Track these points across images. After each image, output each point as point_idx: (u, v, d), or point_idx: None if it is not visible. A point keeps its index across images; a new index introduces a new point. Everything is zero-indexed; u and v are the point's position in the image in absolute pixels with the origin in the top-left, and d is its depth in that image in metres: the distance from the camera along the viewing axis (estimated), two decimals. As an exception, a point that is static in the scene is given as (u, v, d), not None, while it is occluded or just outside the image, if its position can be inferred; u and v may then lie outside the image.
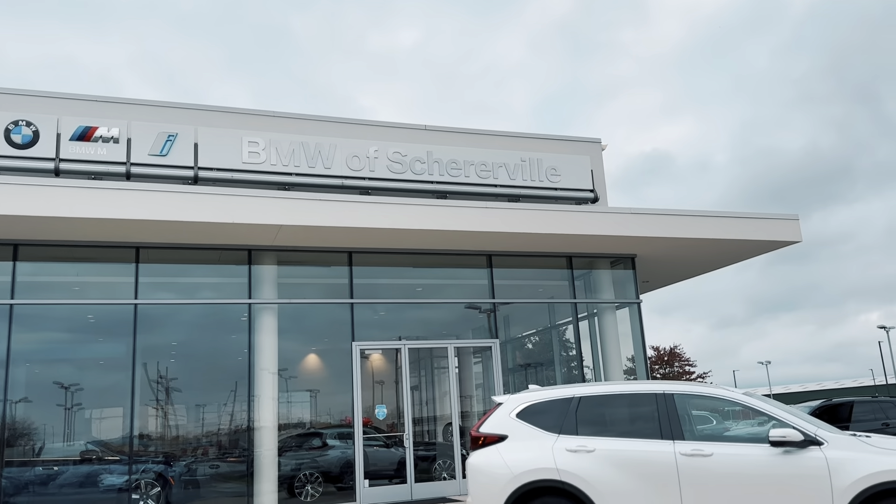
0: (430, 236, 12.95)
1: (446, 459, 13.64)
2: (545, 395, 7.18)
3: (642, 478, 6.31)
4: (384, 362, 14.05)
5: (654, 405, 6.65)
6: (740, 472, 6.08)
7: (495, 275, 14.43)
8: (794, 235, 14.69)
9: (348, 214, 12.07)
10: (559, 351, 16.16)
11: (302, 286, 13.66)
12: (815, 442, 6.01)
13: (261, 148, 13.49)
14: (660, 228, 13.84)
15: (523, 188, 15.06)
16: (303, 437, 13.24)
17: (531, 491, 6.60)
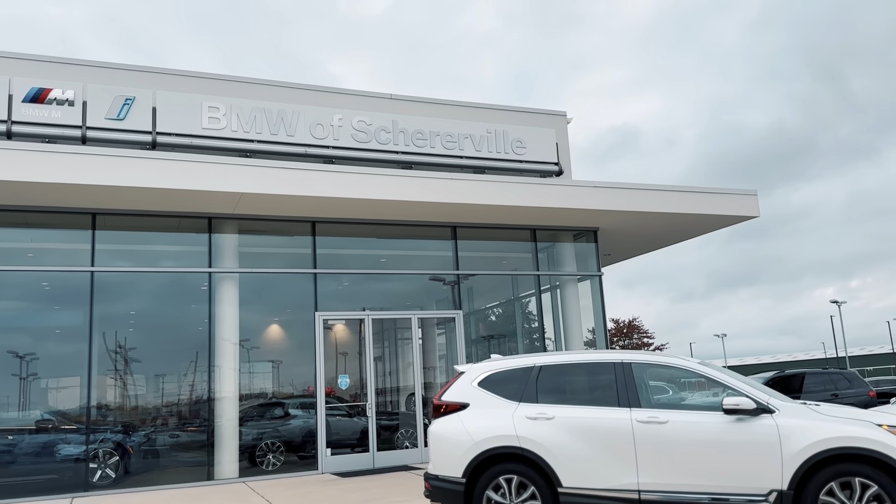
0: (395, 207, 12.89)
1: (409, 429, 13.74)
2: (506, 364, 7.25)
3: (599, 444, 6.44)
4: (347, 333, 14.04)
5: (612, 374, 6.77)
6: (694, 438, 6.25)
7: (460, 246, 14.45)
8: (752, 210, 14.98)
9: (312, 183, 11.93)
10: (522, 323, 16.31)
11: (264, 256, 13.51)
12: (766, 410, 6.19)
13: (221, 113, 13.22)
14: (621, 202, 13.98)
15: (489, 160, 15.06)
16: (264, 407, 13.21)
17: (492, 458, 6.70)
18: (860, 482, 5.78)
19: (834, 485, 5.84)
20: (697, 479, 6.14)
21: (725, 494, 6.06)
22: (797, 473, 5.90)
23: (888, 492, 5.68)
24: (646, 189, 14.28)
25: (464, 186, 12.97)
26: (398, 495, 9.71)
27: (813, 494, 5.85)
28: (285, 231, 13.43)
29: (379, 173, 12.58)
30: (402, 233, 14.19)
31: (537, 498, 6.46)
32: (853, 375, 18.36)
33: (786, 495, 5.91)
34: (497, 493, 6.58)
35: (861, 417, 6.18)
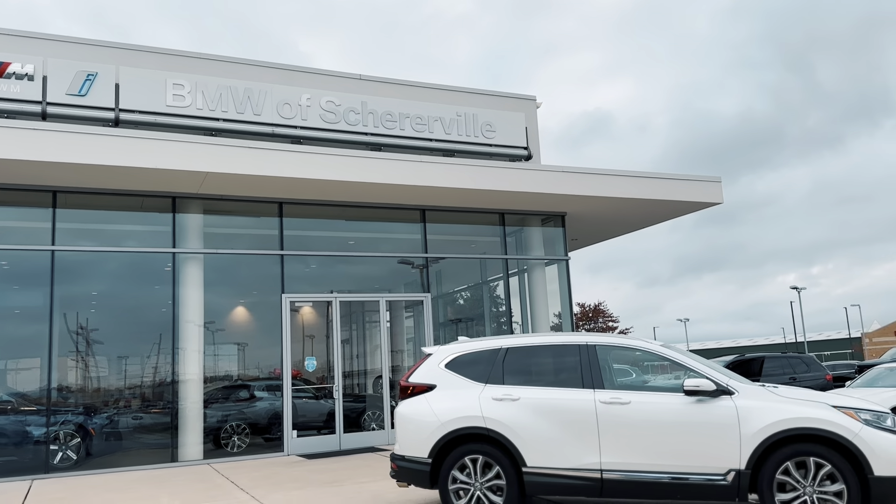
0: (364, 189, 12.81)
1: (376, 411, 13.77)
2: (473, 346, 7.29)
3: (563, 424, 6.52)
4: (315, 316, 13.97)
5: (577, 356, 6.85)
6: (656, 418, 6.36)
7: (429, 230, 14.44)
8: (716, 197, 15.21)
9: (278, 164, 11.80)
10: (489, 306, 16.39)
11: (229, 236, 13.35)
12: (726, 391, 6.33)
13: (186, 91, 12.97)
14: (589, 187, 14.09)
15: (458, 143, 15.03)
16: (230, 389, 13.12)
17: (458, 438, 6.75)
18: (815, 462, 5.94)
19: (790, 464, 6.00)
20: (658, 458, 6.26)
21: (685, 474, 6.19)
22: (755, 453, 6.05)
23: (841, 471, 5.86)
24: (613, 175, 14.40)
25: (433, 169, 12.95)
26: (364, 476, 9.74)
27: (769, 474, 6.01)
28: (251, 212, 13.28)
29: (347, 155, 12.49)
30: (371, 215, 14.12)
31: (502, 477, 6.53)
32: (811, 359, 18.85)
33: (743, 475, 6.06)
34: (462, 473, 6.64)
35: (817, 399, 6.35)
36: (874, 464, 5.84)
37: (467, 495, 6.60)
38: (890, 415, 6.30)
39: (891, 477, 5.82)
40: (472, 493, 6.59)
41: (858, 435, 5.92)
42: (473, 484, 6.61)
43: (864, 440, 5.90)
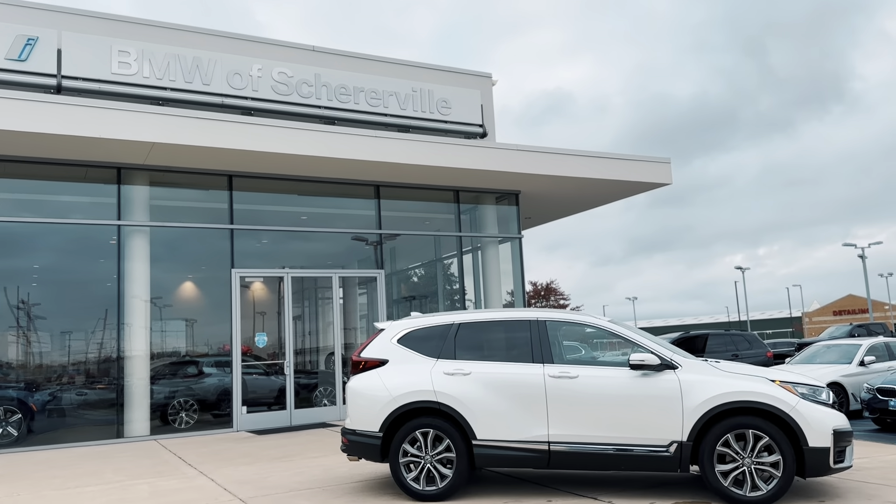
0: (317, 163, 12.65)
1: (328, 387, 13.74)
2: (426, 321, 7.31)
3: (513, 398, 6.61)
4: (266, 292, 13.80)
5: (527, 331, 6.94)
6: (602, 392, 6.50)
7: (383, 206, 14.36)
8: (665, 178, 15.49)
9: (228, 135, 11.54)
10: (443, 284, 16.45)
11: (177, 209, 13.05)
12: (670, 366, 6.49)
13: (132, 58, 12.56)
14: (542, 166, 14.18)
15: (413, 119, 14.94)
16: (177, 365, 12.91)
17: (409, 412, 6.78)
18: (753, 434, 6.16)
19: (730, 436, 6.20)
20: (604, 430, 6.41)
21: (629, 445, 6.35)
22: (696, 426, 6.24)
23: (777, 442, 6.08)
24: (566, 154, 14.52)
25: (387, 145, 12.85)
26: (315, 451, 9.73)
27: (710, 445, 6.21)
28: (200, 185, 13.00)
29: (300, 128, 12.29)
30: (324, 190, 13.97)
31: (452, 450, 6.60)
32: (753, 337, 19.47)
33: (685, 446, 6.24)
34: (413, 447, 6.69)
35: (756, 374, 6.56)
36: (809, 435, 6.08)
37: (417, 468, 6.65)
38: (825, 389, 6.56)
39: (824, 448, 6.07)
40: (422, 466, 6.65)
41: (795, 408, 6.15)
42: (424, 457, 6.66)
43: (800, 413, 6.13)
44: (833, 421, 6.20)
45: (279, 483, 7.62)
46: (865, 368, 13.61)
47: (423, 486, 6.62)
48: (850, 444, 6.31)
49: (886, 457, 8.27)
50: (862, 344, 14.49)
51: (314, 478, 7.85)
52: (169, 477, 8.27)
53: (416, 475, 6.65)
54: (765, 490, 6.05)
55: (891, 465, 7.66)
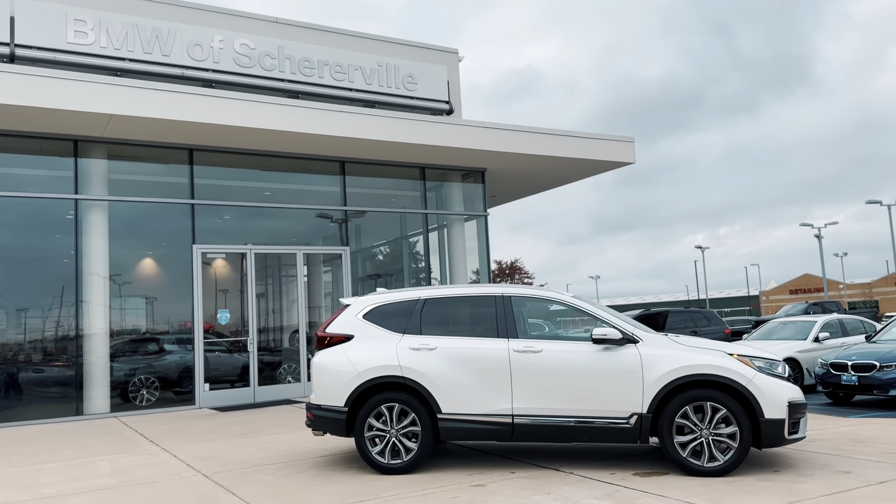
0: (280, 138, 12.46)
1: (292, 364, 13.68)
2: (392, 297, 7.30)
3: (477, 372, 6.66)
4: (229, 269, 13.63)
5: (492, 307, 6.97)
6: (565, 366, 6.58)
7: (348, 182, 14.24)
8: (629, 157, 15.62)
9: (188, 108, 11.30)
10: (409, 262, 16.43)
11: (137, 184, 12.77)
12: (631, 340, 6.60)
13: (89, 28, 12.18)
14: (508, 143, 14.19)
15: (379, 94, 14.80)
16: (138, 343, 12.72)
17: (374, 387, 6.78)
18: (711, 406, 6.30)
19: (688, 408, 6.34)
20: (567, 403, 6.50)
21: (591, 418, 6.46)
22: (656, 398, 6.36)
23: (734, 414, 6.24)
24: (531, 132, 14.54)
25: (352, 120, 12.71)
26: (279, 427, 9.70)
27: (669, 417, 6.34)
28: (160, 158, 12.73)
29: (262, 101, 12.08)
30: (288, 165, 13.79)
31: (417, 424, 6.63)
32: (711, 314, 19.89)
33: (645, 418, 6.37)
34: (378, 421, 6.70)
35: (715, 348, 6.70)
36: (765, 407, 6.24)
37: (383, 442, 6.68)
38: (781, 363, 6.74)
39: (779, 419, 6.24)
40: (387, 440, 6.67)
41: (752, 381, 6.30)
42: (389, 431, 6.68)
43: (756, 386, 6.29)
44: (788, 393, 6.37)
45: (243, 458, 7.59)
46: (820, 344, 14.01)
47: (388, 459, 6.65)
48: (805, 416, 6.50)
49: (838, 429, 8.55)
50: (817, 321, 14.89)
51: (278, 453, 7.84)
52: (130, 454, 8.17)
53: (382, 449, 6.68)
54: (722, 461, 6.21)
55: (842, 437, 7.93)
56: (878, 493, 5.41)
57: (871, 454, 6.86)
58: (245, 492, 6.09)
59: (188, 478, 6.77)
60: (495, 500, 5.51)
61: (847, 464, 6.46)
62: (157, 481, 6.66)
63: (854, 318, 15.89)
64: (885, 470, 6.15)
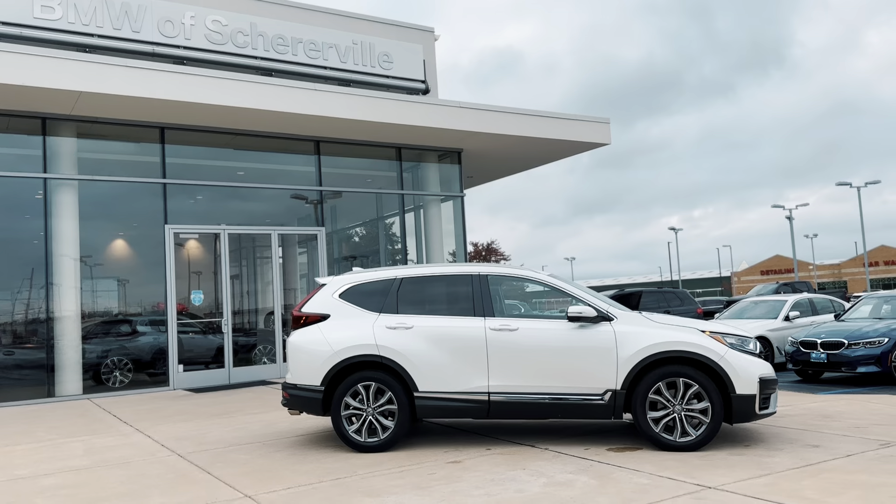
0: (253, 116, 12.30)
1: (267, 345, 13.61)
2: (368, 276, 7.27)
3: (454, 351, 6.68)
4: (203, 251, 13.48)
5: (469, 285, 6.99)
6: (541, 343, 6.63)
7: (323, 162, 14.12)
8: (604, 138, 15.67)
9: (159, 85, 11.09)
10: (385, 244, 16.38)
11: (107, 163, 12.54)
12: (606, 318, 6.66)
13: (56, 2, 11.89)
14: (484, 124, 14.14)
15: (354, 73, 14.65)
16: (110, 324, 12.56)
17: (351, 366, 6.77)
18: (684, 382, 6.39)
19: (661, 385, 6.42)
20: (542, 380, 6.55)
21: (566, 394, 6.52)
22: (630, 375, 6.43)
23: (706, 390, 6.34)
24: (507, 112, 14.52)
25: (327, 98, 12.58)
26: (255, 408, 9.67)
27: (643, 393, 6.42)
28: (131, 137, 12.51)
29: (235, 78, 11.90)
30: (262, 145, 13.63)
31: (394, 402, 6.65)
32: (684, 294, 20.14)
33: (619, 394, 6.45)
34: (355, 400, 6.70)
35: (688, 325, 6.78)
36: (736, 383, 6.34)
37: (359, 420, 6.68)
38: (752, 340, 6.84)
39: (751, 395, 6.35)
40: (364, 419, 6.68)
41: (724, 357, 6.40)
42: (366, 409, 6.69)
43: (728, 362, 6.39)
44: (759, 369, 6.48)
45: (218, 438, 7.56)
46: (790, 323, 14.27)
47: (364, 437, 6.66)
48: (775, 392, 6.62)
49: (808, 404, 8.74)
50: (787, 300, 15.15)
51: (254, 433, 7.81)
52: (104, 435, 8.09)
53: (358, 427, 6.68)
54: (694, 436, 6.31)
55: (811, 412, 8.10)
56: (845, 465, 5.54)
57: (839, 429, 7.02)
58: (221, 471, 6.07)
59: (163, 458, 6.72)
60: (471, 476, 5.56)
61: (816, 438, 6.60)
62: (132, 462, 6.61)
63: (823, 297, 16.20)
64: (852, 444, 6.30)
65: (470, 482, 5.39)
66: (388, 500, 4.97)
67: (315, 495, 5.18)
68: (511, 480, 5.39)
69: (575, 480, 5.33)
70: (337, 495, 5.16)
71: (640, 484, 5.18)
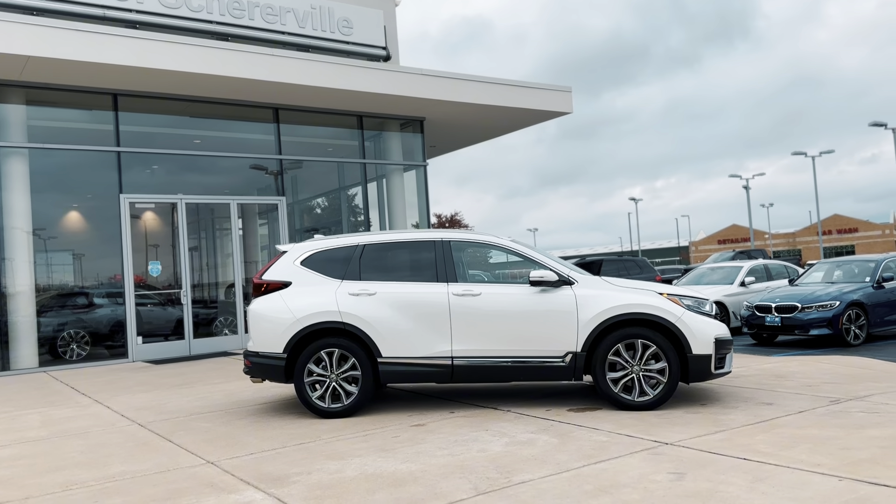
0: (209, 82, 12.01)
1: (228, 317, 13.47)
2: (330, 243, 7.22)
3: (418, 316, 6.69)
4: (160, 223, 13.22)
5: (432, 251, 6.98)
6: (503, 308, 6.68)
7: (283, 131, 13.90)
8: (566, 107, 15.70)
9: (110, 49, 10.74)
10: (347, 215, 16.26)
11: (59, 131, 12.15)
12: (567, 281, 6.73)
13: (-1, -38, 11.36)
14: (445, 91, 14.03)
15: (313, 38, 14.37)
16: (66, 297, 12.29)
17: (313, 333, 6.74)
18: (642, 343, 6.52)
19: (620, 346, 6.54)
20: (505, 344, 6.62)
21: (528, 357, 6.60)
22: (590, 337, 6.53)
23: (664, 351, 6.47)
24: (468, 80, 14.43)
25: (284, 64, 12.34)
26: (216, 378, 9.59)
27: (602, 355, 6.53)
28: (83, 104, 12.14)
29: (189, 43, 11.58)
30: (219, 112, 13.34)
31: (357, 368, 6.65)
32: (643, 262, 20.47)
33: (580, 357, 6.55)
34: (318, 366, 6.69)
35: (646, 288, 6.90)
36: (692, 344, 6.49)
37: (323, 387, 6.68)
38: (708, 301, 6.99)
39: (706, 355, 6.51)
40: (327, 385, 6.67)
41: (680, 318, 6.53)
42: (329, 376, 6.68)
43: (685, 323, 6.52)
44: (715, 330, 6.63)
45: (179, 408, 7.49)
46: (746, 289, 14.62)
47: (328, 403, 6.67)
48: (730, 352, 6.79)
49: (762, 366, 8.99)
50: (743, 266, 15.50)
51: (216, 402, 7.76)
52: (61, 406, 7.96)
53: (322, 393, 6.68)
54: (652, 395, 6.45)
55: (765, 373, 8.34)
56: (796, 421, 5.73)
57: (792, 387, 7.25)
58: (182, 439, 6.03)
59: (123, 427, 6.64)
60: (435, 438, 5.61)
61: (769, 396, 6.81)
62: (91, 432, 6.52)
63: (778, 263, 16.62)
64: (803, 401, 6.51)
65: (434, 443, 5.44)
66: (352, 463, 4.99)
67: (279, 460, 5.19)
68: (474, 441, 5.46)
69: (536, 439, 5.43)
70: (301, 459, 5.17)
71: (599, 441, 5.29)
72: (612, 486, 4.21)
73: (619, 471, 4.50)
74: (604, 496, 4.03)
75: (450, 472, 4.63)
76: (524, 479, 4.40)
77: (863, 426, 5.41)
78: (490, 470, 4.65)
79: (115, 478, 4.92)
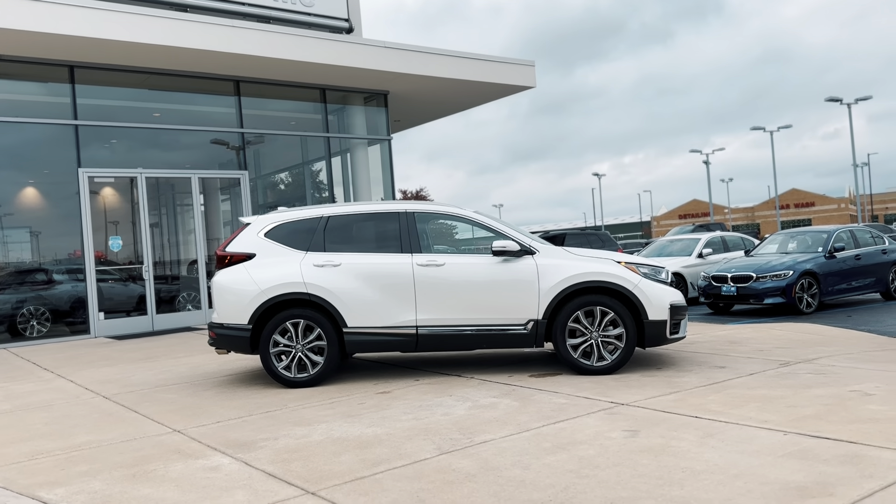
0: (168, 54, 11.81)
1: (191, 292, 13.38)
2: (294, 215, 7.24)
3: (382, 287, 6.78)
4: (120, 198, 13.02)
5: (396, 223, 7.06)
6: (467, 278, 6.80)
7: (244, 104, 13.74)
8: (529, 81, 15.78)
9: (64, 19, 10.49)
10: (311, 190, 16.18)
11: (13, 103, 11.85)
12: (528, 251, 6.88)
13: (-56, -73, 10.95)
14: (409, 65, 14.00)
15: (274, 10, 14.19)
16: (24, 274, 12.08)
17: (278, 304, 6.79)
18: (600, 310, 6.70)
19: (580, 313, 6.72)
20: (468, 313, 6.75)
21: (491, 325, 6.74)
22: (551, 305, 6.70)
23: (621, 317, 6.67)
24: (432, 53, 14.40)
25: (245, 35, 12.18)
26: (181, 352, 9.58)
27: (562, 322, 6.71)
28: (39, 76, 11.84)
29: (147, 13, 11.35)
30: (179, 85, 13.13)
31: (323, 339, 6.72)
32: (606, 236, 20.74)
33: (541, 324, 6.71)
34: (284, 337, 6.75)
35: (605, 257, 7.08)
36: (649, 310, 6.70)
37: (289, 357, 6.75)
38: (664, 269, 7.20)
39: (662, 321, 6.73)
40: (293, 355, 6.74)
41: (637, 286, 6.73)
42: (295, 346, 6.75)
43: (641, 290, 6.72)
44: (670, 297, 6.85)
45: (144, 381, 7.49)
46: (703, 260, 14.98)
47: (294, 373, 6.74)
48: (685, 318, 7.02)
49: (717, 332, 9.29)
50: (701, 238, 15.87)
51: (181, 375, 7.78)
52: (23, 381, 7.89)
53: (288, 364, 6.75)
54: (610, 360, 6.66)
55: (720, 339, 8.63)
56: (747, 382, 5.98)
57: (744, 352, 7.53)
58: (148, 409, 6.06)
59: (87, 400, 6.64)
60: (400, 404, 5.74)
61: (722, 360, 7.07)
62: (55, 404, 6.50)
63: (735, 235, 17.03)
64: (754, 364, 6.78)
65: (399, 409, 5.57)
66: (318, 428, 5.09)
67: (245, 427, 5.26)
68: (438, 406, 5.60)
69: (498, 403, 5.59)
70: (267, 426, 5.25)
71: (558, 403, 5.47)
72: (569, 443, 4.38)
73: (576, 429, 4.68)
74: (561, 452, 4.20)
75: (414, 435, 4.76)
76: (486, 440, 4.56)
77: (809, 386, 5.68)
78: (453, 431, 4.79)
79: (80, 447, 4.95)
